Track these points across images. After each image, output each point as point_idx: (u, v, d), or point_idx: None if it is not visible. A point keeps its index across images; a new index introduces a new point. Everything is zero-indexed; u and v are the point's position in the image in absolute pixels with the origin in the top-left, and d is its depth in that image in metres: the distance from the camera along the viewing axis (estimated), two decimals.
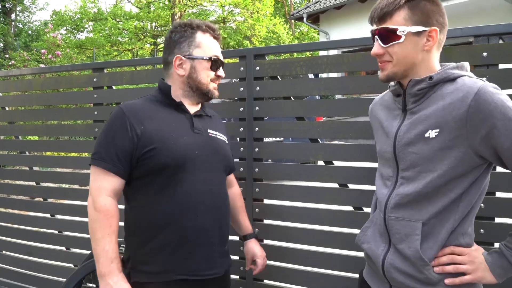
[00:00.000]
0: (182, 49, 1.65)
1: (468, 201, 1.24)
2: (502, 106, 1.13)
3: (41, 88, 2.86)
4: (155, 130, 1.54)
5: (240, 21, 23.43)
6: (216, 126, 1.76)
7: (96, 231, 1.48)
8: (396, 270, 1.28)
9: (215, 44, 1.69)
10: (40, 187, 2.91)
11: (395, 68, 1.27)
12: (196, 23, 1.67)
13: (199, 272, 1.56)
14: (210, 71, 1.66)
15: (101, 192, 1.51)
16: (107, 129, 1.56)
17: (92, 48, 20.96)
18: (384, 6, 1.25)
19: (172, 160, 1.52)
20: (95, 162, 1.53)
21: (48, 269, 2.85)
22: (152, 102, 1.65)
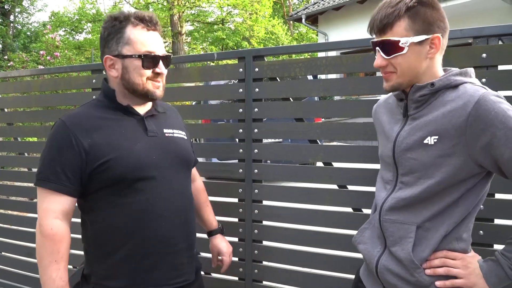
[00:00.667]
0: (111, 48, 1.47)
1: (465, 207, 1.23)
2: (503, 116, 1.12)
3: (40, 89, 2.86)
4: (105, 141, 1.42)
5: (238, 22, 23.46)
6: (172, 123, 1.63)
7: (43, 258, 1.39)
8: (389, 272, 1.28)
9: (149, 37, 1.46)
10: None
11: (400, 79, 1.26)
12: (125, 15, 1.46)
13: (168, 282, 1.48)
14: (144, 69, 1.45)
15: (48, 215, 1.39)
16: (50, 146, 1.43)
17: (91, 49, 20.93)
18: (384, 17, 1.21)
19: (128, 170, 1.41)
20: (40, 183, 1.41)
21: None
22: (97, 109, 1.50)
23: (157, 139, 1.52)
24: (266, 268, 2.16)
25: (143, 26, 1.46)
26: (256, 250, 2.15)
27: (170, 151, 1.54)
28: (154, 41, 1.48)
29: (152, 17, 1.49)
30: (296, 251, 2.09)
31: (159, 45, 1.50)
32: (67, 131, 1.41)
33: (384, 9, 1.22)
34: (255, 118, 2.13)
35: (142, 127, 1.51)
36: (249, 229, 2.15)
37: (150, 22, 1.47)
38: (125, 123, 1.49)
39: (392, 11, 1.20)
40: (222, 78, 2.24)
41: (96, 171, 1.41)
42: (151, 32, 1.48)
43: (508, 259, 1.18)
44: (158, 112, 1.59)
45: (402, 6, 1.20)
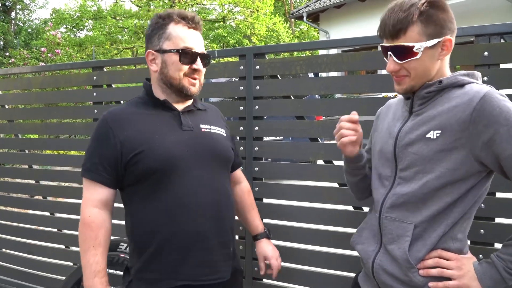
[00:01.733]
0: (153, 43, 1.55)
1: (462, 208, 1.22)
2: (507, 113, 1.12)
3: (41, 86, 2.86)
4: (139, 134, 1.48)
5: (240, 19, 23.42)
6: (211, 120, 1.66)
7: (82, 243, 1.46)
8: (384, 272, 1.28)
9: (189, 35, 1.53)
10: (40, 185, 2.90)
11: (413, 82, 1.25)
12: (168, 13, 1.54)
13: (199, 277, 1.49)
14: (181, 64, 1.51)
15: (87, 204, 1.48)
16: (92, 139, 1.53)
17: (92, 46, 20.93)
18: (397, 22, 1.19)
19: (159, 163, 1.45)
20: (83, 174, 1.51)
21: (47, 267, 2.85)
22: (137, 105, 1.58)
23: (192, 134, 1.55)
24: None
25: (185, 23, 1.53)
26: None
27: (204, 145, 1.55)
28: (193, 39, 1.54)
29: (194, 17, 1.55)
30: (296, 249, 2.09)
31: (198, 43, 1.55)
32: (106, 125, 1.49)
33: (396, 13, 1.20)
34: (256, 116, 2.13)
35: (177, 121, 1.55)
36: None
37: (191, 20, 1.54)
38: (161, 117, 1.54)
39: (405, 15, 1.18)
40: (223, 76, 2.24)
41: (130, 163, 1.47)
42: (192, 30, 1.55)
43: (503, 261, 1.17)
44: (197, 109, 1.64)
45: (414, 10, 1.18)
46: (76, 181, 2.81)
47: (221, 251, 1.54)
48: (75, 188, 2.77)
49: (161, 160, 1.46)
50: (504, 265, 1.16)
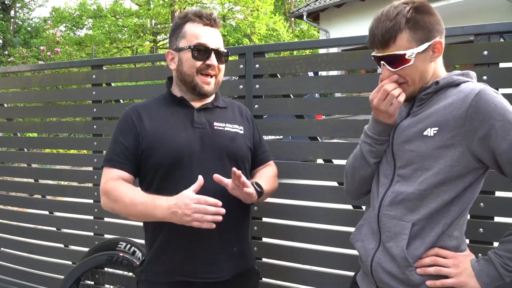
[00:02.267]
0: (172, 43, 1.61)
1: (460, 206, 1.24)
2: (501, 108, 1.14)
3: (40, 85, 2.86)
4: (153, 128, 1.54)
5: (240, 18, 23.41)
6: (228, 117, 1.66)
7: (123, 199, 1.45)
8: (383, 270, 1.29)
9: (204, 31, 1.55)
10: (39, 184, 2.90)
11: (412, 88, 1.27)
12: (186, 13, 1.59)
13: (201, 275, 1.51)
14: (194, 60, 1.53)
15: (108, 181, 1.51)
16: (115, 131, 1.59)
17: (91, 45, 20.93)
18: (385, 31, 1.20)
19: (167, 158, 1.50)
20: (104, 164, 1.56)
21: (46, 266, 2.84)
22: (158, 101, 1.64)
23: (203, 131, 1.56)
24: (265, 265, 2.16)
25: (199, 21, 1.56)
26: (255, 247, 2.15)
27: (215, 143, 1.56)
28: (208, 35, 1.56)
29: (211, 14, 1.58)
30: (295, 248, 2.09)
31: (213, 39, 1.56)
32: (128, 117, 1.57)
33: (383, 23, 1.21)
34: (256, 114, 2.13)
35: (191, 118, 1.57)
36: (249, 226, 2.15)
37: (206, 18, 1.56)
38: (176, 114, 1.58)
39: (393, 24, 1.20)
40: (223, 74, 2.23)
41: (144, 156, 1.53)
42: (207, 27, 1.57)
43: (500, 258, 1.18)
44: (216, 106, 1.65)
45: (401, 18, 1.19)
46: (75, 179, 2.81)
47: (222, 250, 1.54)
48: (75, 187, 2.78)
49: (170, 156, 1.50)
50: (502, 262, 1.17)
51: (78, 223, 2.69)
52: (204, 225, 1.35)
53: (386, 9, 1.24)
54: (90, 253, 2.50)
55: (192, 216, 1.34)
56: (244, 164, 1.65)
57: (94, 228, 2.62)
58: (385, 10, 1.23)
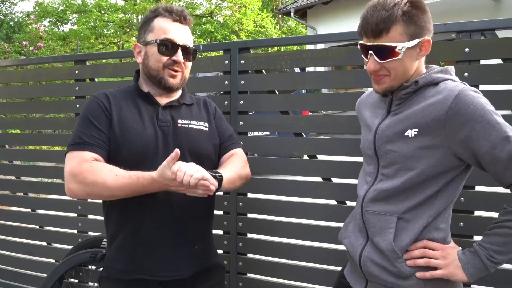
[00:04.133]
0: (140, 36, 1.59)
1: (444, 199, 1.25)
2: (481, 109, 1.15)
3: (22, 80, 2.81)
4: (120, 120, 1.50)
5: (227, 15, 23.32)
6: (193, 114, 1.65)
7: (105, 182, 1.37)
8: (372, 263, 1.30)
9: (173, 27, 1.54)
10: (21, 181, 2.86)
11: (393, 82, 1.26)
12: (156, 7, 1.57)
13: (160, 273, 1.50)
14: (160, 55, 1.52)
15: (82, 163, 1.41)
16: (82, 116, 1.52)
17: (76, 40, 20.65)
18: (380, 21, 1.19)
19: (131, 154, 1.47)
20: (73, 148, 1.46)
21: (28, 264, 2.81)
22: (125, 93, 1.60)
23: (167, 129, 1.55)
24: (251, 261, 2.16)
25: (169, 17, 1.54)
26: (240, 243, 2.16)
27: (178, 141, 1.54)
28: (176, 31, 1.54)
29: (182, 11, 1.56)
30: (280, 244, 2.10)
31: (181, 36, 1.55)
32: (99, 101, 1.52)
33: (378, 11, 1.19)
34: (241, 110, 2.13)
35: (156, 115, 1.56)
36: (234, 222, 2.15)
37: (176, 14, 1.55)
38: (143, 109, 1.56)
39: (389, 15, 1.18)
40: (208, 70, 2.23)
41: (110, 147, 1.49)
42: (177, 23, 1.55)
43: (486, 250, 1.20)
44: (183, 103, 1.63)
45: (397, 9, 1.18)
46: (60, 177, 2.77)
47: (182, 248, 1.54)
48: (59, 184, 2.74)
49: (134, 153, 1.48)
50: (487, 254, 1.20)
51: (62, 220, 2.66)
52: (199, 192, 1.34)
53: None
54: (73, 250, 2.46)
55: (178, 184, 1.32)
56: (205, 162, 1.58)
57: (77, 225, 2.60)
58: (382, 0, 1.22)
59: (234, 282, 2.18)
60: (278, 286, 2.11)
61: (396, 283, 1.26)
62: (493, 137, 1.14)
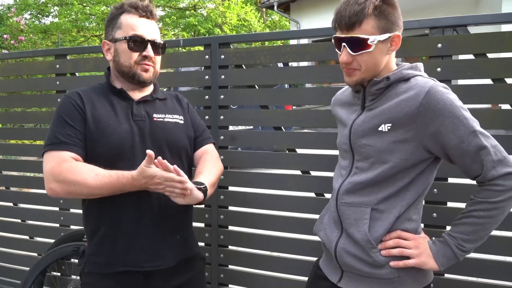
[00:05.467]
0: (107, 34, 1.61)
1: (415, 190, 1.31)
2: (450, 105, 1.21)
3: (3, 74, 2.78)
4: (94, 117, 1.52)
5: (211, 8, 23.18)
6: (168, 108, 1.68)
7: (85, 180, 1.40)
8: (348, 254, 1.34)
9: (140, 23, 1.57)
10: (3, 176, 2.85)
11: (364, 75, 1.31)
12: (122, 4, 1.59)
13: (143, 264, 1.53)
14: (131, 52, 1.55)
15: (63, 162, 1.44)
16: (56, 116, 1.54)
17: (57, 33, 20.31)
18: (353, 14, 1.24)
19: (109, 149, 1.50)
20: (50, 148, 1.48)
21: (10, 258, 2.81)
22: (98, 90, 1.62)
23: (143, 123, 1.58)
24: (232, 253, 2.21)
25: (135, 12, 1.57)
26: (222, 235, 2.20)
27: (155, 135, 1.58)
28: (144, 26, 1.57)
29: (147, 6, 1.59)
30: (260, 236, 2.14)
31: (149, 31, 1.58)
32: (72, 100, 1.54)
33: (351, 6, 1.25)
34: (221, 105, 2.16)
35: (130, 111, 1.58)
36: (215, 215, 2.19)
37: (143, 9, 1.57)
38: (117, 105, 1.58)
39: (361, 8, 1.24)
40: (189, 65, 2.25)
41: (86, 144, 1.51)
42: (143, 19, 1.58)
43: (455, 239, 1.26)
44: (156, 98, 1.66)
45: (369, 4, 1.24)
46: (41, 171, 2.77)
47: (164, 239, 1.57)
48: (40, 178, 2.74)
49: (111, 148, 1.51)
50: (456, 243, 1.26)
51: (44, 214, 2.66)
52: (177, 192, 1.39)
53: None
54: (55, 244, 2.48)
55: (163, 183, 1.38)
56: (182, 154, 1.66)
57: (59, 219, 2.60)
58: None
59: (216, 273, 2.22)
60: (258, 277, 2.16)
61: (371, 272, 1.32)
62: (461, 131, 1.21)
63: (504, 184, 1.19)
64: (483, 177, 1.22)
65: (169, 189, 1.40)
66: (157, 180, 1.37)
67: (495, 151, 1.20)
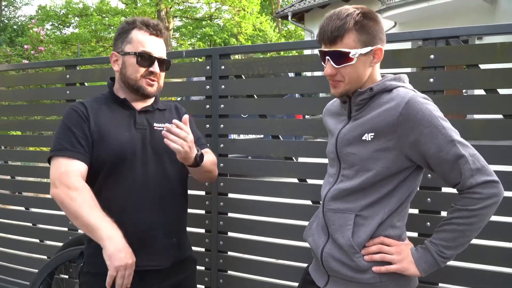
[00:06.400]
0: (117, 46, 1.70)
1: (398, 197, 1.35)
2: (429, 115, 1.25)
3: (15, 84, 2.91)
4: (98, 126, 1.61)
5: (227, 18, 23.45)
6: (167, 118, 1.75)
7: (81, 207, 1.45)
8: (333, 259, 1.38)
9: (149, 40, 1.66)
10: (16, 181, 2.95)
11: (348, 86, 1.36)
12: (133, 20, 1.68)
13: (141, 263, 1.56)
14: (138, 66, 1.64)
15: (71, 174, 1.51)
16: (61, 125, 1.62)
17: (77, 43, 20.80)
18: (334, 29, 1.30)
19: (111, 157, 1.59)
20: (56, 153, 1.55)
21: (22, 260, 2.90)
22: (100, 101, 1.71)
23: (144, 132, 1.67)
24: (231, 258, 2.26)
25: (146, 30, 1.66)
26: (221, 241, 2.25)
27: (155, 143, 1.67)
28: (153, 44, 1.67)
29: (157, 25, 1.69)
30: (259, 242, 2.19)
31: (157, 48, 1.68)
32: (77, 110, 1.62)
33: (333, 21, 1.31)
34: (221, 114, 2.22)
35: (133, 120, 1.67)
36: (215, 221, 2.24)
37: (153, 28, 1.67)
38: (119, 114, 1.67)
39: (342, 24, 1.30)
40: (191, 75, 2.33)
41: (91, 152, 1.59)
42: (153, 37, 1.68)
43: (435, 245, 1.29)
44: (156, 109, 1.75)
45: (350, 19, 1.30)
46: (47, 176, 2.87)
47: (162, 241, 1.66)
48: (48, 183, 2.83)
49: (114, 154, 1.59)
50: (437, 250, 1.28)
51: (53, 218, 2.75)
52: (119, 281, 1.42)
53: (337, 10, 1.34)
54: (64, 247, 2.55)
55: (125, 266, 1.41)
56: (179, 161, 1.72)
57: (68, 223, 2.69)
58: (337, 11, 1.34)
59: (215, 279, 2.27)
60: (257, 283, 2.20)
61: (354, 276, 1.35)
62: (439, 140, 1.24)
63: (482, 192, 1.22)
64: (461, 185, 1.25)
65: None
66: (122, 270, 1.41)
67: (474, 160, 1.23)
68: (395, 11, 11.16)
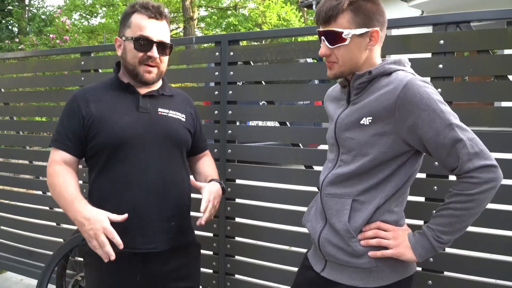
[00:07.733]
0: (120, 31, 1.70)
1: (396, 182, 1.33)
2: (427, 98, 1.23)
3: (34, 71, 2.98)
4: (99, 112, 1.63)
5: (251, 8, 23.34)
6: (173, 105, 1.76)
7: (54, 192, 1.59)
8: (330, 244, 1.38)
9: (148, 24, 1.62)
10: (33, 165, 3.04)
11: (342, 68, 1.35)
12: (134, 3, 1.66)
13: (137, 246, 1.62)
14: (136, 51, 1.62)
15: (52, 164, 1.63)
16: (62, 113, 1.69)
17: (103, 33, 21.11)
18: (329, 9, 1.30)
19: (111, 140, 1.60)
20: (50, 143, 1.67)
21: (40, 243, 3.00)
22: (105, 85, 1.73)
23: (147, 116, 1.67)
24: (238, 262, 2.29)
25: (145, 13, 1.63)
26: (228, 226, 2.27)
27: (157, 127, 1.67)
28: (152, 28, 1.63)
29: (158, 7, 1.64)
30: (266, 247, 2.21)
31: (157, 32, 1.64)
32: (74, 101, 1.66)
33: (329, 1, 1.31)
34: (230, 100, 2.23)
35: (136, 103, 1.67)
36: (223, 207, 2.26)
37: (153, 11, 1.62)
38: (123, 99, 1.68)
39: (336, 4, 1.29)
40: (200, 62, 2.34)
41: (89, 137, 1.63)
42: (153, 20, 1.63)
43: (432, 231, 1.27)
44: (162, 94, 1.75)
45: (345, 0, 1.29)
46: None
47: (160, 224, 1.66)
48: None
49: (114, 138, 1.61)
50: (434, 235, 1.27)
51: None
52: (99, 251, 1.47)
53: None
54: (78, 230, 2.62)
55: (98, 234, 1.46)
56: (181, 149, 1.77)
57: None
58: None
59: (223, 282, 2.31)
60: (263, 268, 2.21)
61: (350, 261, 1.35)
62: (437, 124, 1.22)
63: (480, 176, 1.19)
64: (459, 170, 1.22)
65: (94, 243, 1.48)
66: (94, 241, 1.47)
67: (472, 144, 1.20)
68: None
